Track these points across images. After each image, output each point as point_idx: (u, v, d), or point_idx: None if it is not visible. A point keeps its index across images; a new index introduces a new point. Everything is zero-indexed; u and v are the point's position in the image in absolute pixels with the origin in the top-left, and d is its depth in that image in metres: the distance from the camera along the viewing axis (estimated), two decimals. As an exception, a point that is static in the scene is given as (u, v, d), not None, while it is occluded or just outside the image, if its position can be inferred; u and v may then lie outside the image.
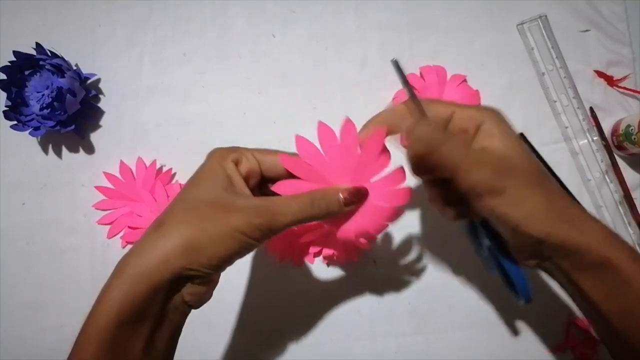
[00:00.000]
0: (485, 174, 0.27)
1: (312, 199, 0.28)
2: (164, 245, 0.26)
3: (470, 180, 0.27)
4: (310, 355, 0.47)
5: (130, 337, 0.26)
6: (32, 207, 0.49)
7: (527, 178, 0.27)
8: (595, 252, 0.26)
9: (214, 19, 0.51)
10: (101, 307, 0.25)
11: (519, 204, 0.27)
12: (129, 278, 0.25)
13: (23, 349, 0.48)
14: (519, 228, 0.27)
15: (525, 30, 0.50)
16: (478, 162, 0.27)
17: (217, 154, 0.29)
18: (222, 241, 0.26)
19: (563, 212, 0.27)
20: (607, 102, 0.49)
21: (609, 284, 0.27)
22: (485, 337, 0.47)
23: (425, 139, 0.27)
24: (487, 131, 0.28)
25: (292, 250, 0.47)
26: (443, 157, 0.27)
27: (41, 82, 0.47)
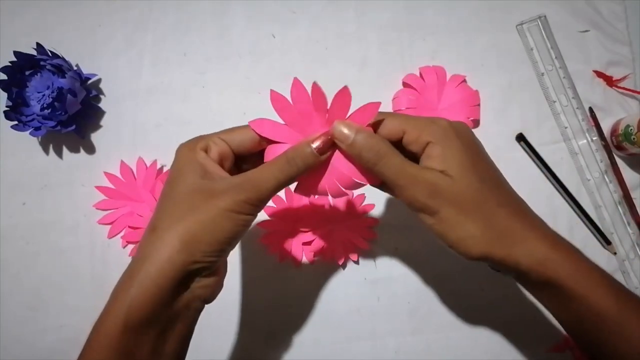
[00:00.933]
0: (418, 194, 0.27)
1: (287, 159, 0.28)
2: (162, 245, 0.26)
3: (405, 197, 0.28)
4: (310, 355, 0.47)
5: (139, 340, 0.26)
6: (33, 207, 0.49)
7: (462, 202, 0.27)
8: (536, 272, 0.27)
9: (214, 19, 0.51)
10: (109, 312, 0.26)
11: (452, 228, 0.27)
12: (135, 283, 0.26)
13: (23, 349, 0.48)
14: (454, 248, 0.28)
15: (524, 30, 0.50)
16: (413, 181, 0.27)
17: (185, 147, 0.29)
18: (216, 225, 0.27)
19: (503, 234, 0.27)
20: (607, 102, 0.49)
21: (560, 302, 0.28)
22: (485, 337, 0.47)
23: (366, 153, 0.28)
24: (430, 152, 0.28)
25: (292, 250, 0.47)
26: (382, 171, 0.28)
27: (42, 82, 0.47)
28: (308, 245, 0.47)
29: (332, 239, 0.47)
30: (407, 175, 0.27)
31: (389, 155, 0.28)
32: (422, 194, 0.27)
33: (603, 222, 0.48)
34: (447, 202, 0.27)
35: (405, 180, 0.27)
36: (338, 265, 0.48)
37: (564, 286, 0.26)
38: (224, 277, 0.31)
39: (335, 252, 0.47)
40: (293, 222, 0.47)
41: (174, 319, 0.28)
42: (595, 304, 0.26)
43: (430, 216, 0.27)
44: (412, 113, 0.48)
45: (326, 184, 0.30)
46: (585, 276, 0.27)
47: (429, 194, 0.27)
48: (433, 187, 0.27)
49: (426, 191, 0.27)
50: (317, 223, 0.47)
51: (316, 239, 0.46)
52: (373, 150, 0.28)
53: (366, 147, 0.28)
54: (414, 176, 0.27)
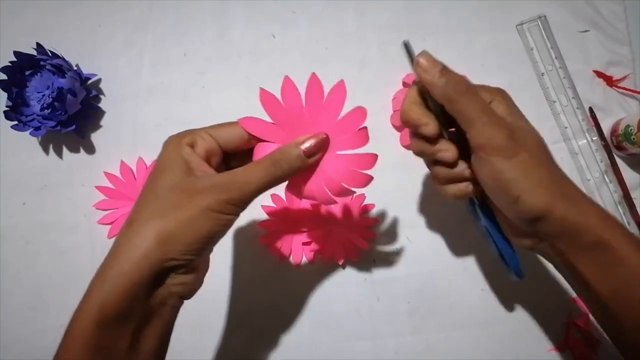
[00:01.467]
0: (501, 134, 0.27)
1: (272, 161, 0.27)
2: (138, 241, 0.26)
3: (485, 136, 0.27)
4: (310, 355, 0.47)
5: (114, 336, 0.26)
6: (33, 207, 0.49)
7: (537, 152, 0.28)
8: (592, 232, 0.27)
9: (214, 19, 0.51)
10: (83, 309, 0.26)
11: (527, 173, 0.27)
12: (109, 278, 0.25)
13: (23, 349, 0.48)
14: (521, 199, 0.27)
15: (524, 30, 0.50)
16: (496, 121, 0.28)
17: (171, 142, 0.29)
18: (195, 224, 0.26)
19: (564, 191, 0.28)
20: (607, 102, 0.49)
21: (603, 264, 0.27)
22: (485, 337, 0.47)
23: (452, 86, 0.28)
24: (496, 108, 0.29)
25: (292, 250, 0.47)
26: (465, 106, 0.28)
27: (42, 82, 0.47)
28: (308, 245, 0.47)
29: (332, 239, 0.47)
30: (492, 113, 0.28)
31: (474, 90, 0.28)
32: (504, 134, 0.27)
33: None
34: (524, 147, 0.28)
35: (489, 117, 0.28)
36: (338, 265, 0.48)
37: (614, 249, 0.27)
38: (204, 275, 0.30)
39: (335, 252, 0.47)
40: (293, 222, 0.47)
41: (150, 315, 0.27)
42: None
43: (506, 159, 0.27)
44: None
45: (314, 189, 0.29)
46: (632, 242, 0.27)
47: (509, 135, 0.27)
48: (513, 130, 0.28)
49: (507, 132, 0.27)
50: (317, 223, 0.47)
51: (316, 239, 0.46)
52: (460, 82, 0.28)
53: (454, 78, 0.28)
54: (498, 117, 0.28)
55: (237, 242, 0.48)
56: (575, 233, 0.27)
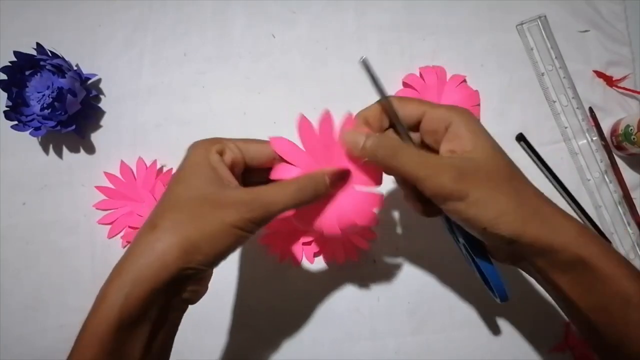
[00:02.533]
0: (445, 180, 0.27)
1: (299, 186, 0.28)
2: (160, 247, 0.26)
3: (431, 187, 0.27)
4: (310, 355, 0.47)
5: (130, 340, 0.26)
6: (33, 207, 0.49)
7: (493, 179, 0.27)
8: (568, 251, 0.27)
9: (214, 19, 0.51)
10: (101, 311, 0.25)
11: (485, 207, 0.27)
12: (129, 282, 0.25)
13: (23, 349, 0.48)
14: (487, 230, 0.27)
15: (524, 30, 0.50)
16: (437, 169, 0.27)
17: (200, 146, 0.29)
18: (218, 238, 0.26)
19: (535, 211, 0.27)
20: (607, 102, 0.49)
21: (584, 281, 0.27)
22: (485, 337, 0.47)
23: (382, 150, 0.28)
24: (454, 132, 0.28)
25: (292, 250, 0.47)
26: (401, 167, 0.27)
27: (42, 82, 0.47)
28: (308, 245, 0.47)
29: (332, 239, 0.47)
30: (430, 164, 0.27)
31: (405, 148, 0.28)
32: (449, 180, 0.27)
33: (603, 222, 0.48)
34: (476, 182, 0.27)
35: (428, 169, 0.27)
36: (338, 265, 0.48)
37: (593, 266, 0.26)
38: (209, 280, 0.31)
39: (335, 252, 0.47)
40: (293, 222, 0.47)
41: (163, 320, 0.27)
42: (622, 286, 0.26)
43: (460, 201, 0.27)
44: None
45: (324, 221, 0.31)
46: (611, 258, 0.27)
47: (456, 178, 0.27)
48: (459, 170, 0.27)
49: (453, 176, 0.27)
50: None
51: (316, 239, 0.46)
52: (388, 147, 0.28)
53: (380, 145, 0.28)
54: (437, 164, 0.27)
55: (237, 242, 0.48)
56: (551, 252, 0.27)
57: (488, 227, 0.27)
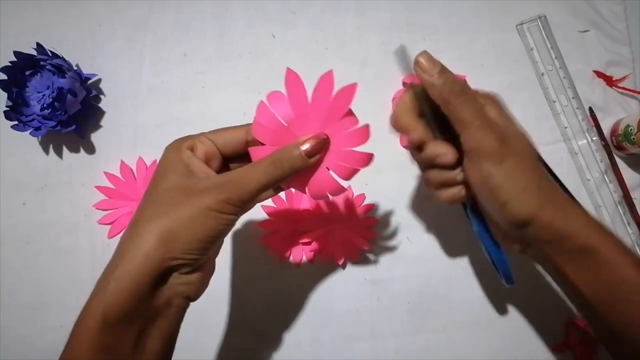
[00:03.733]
0: (492, 138, 0.28)
1: (273, 160, 0.27)
2: (140, 241, 0.26)
3: (477, 139, 0.28)
4: (309, 355, 0.47)
5: (119, 336, 0.26)
6: (33, 207, 0.49)
7: (525, 158, 0.29)
8: (578, 238, 0.27)
9: (214, 19, 0.51)
10: (89, 309, 0.26)
11: (515, 178, 0.28)
12: (113, 279, 0.25)
13: (23, 349, 0.48)
14: (508, 204, 0.28)
15: (524, 30, 0.50)
16: (488, 125, 0.28)
17: (172, 146, 0.29)
18: (195, 223, 0.26)
19: (551, 197, 0.28)
20: (607, 102, 0.49)
21: (590, 269, 0.28)
22: (485, 336, 0.47)
23: (449, 87, 0.28)
24: (489, 111, 0.30)
25: (292, 250, 0.47)
26: (460, 108, 0.28)
27: (42, 82, 0.47)
28: (308, 245, 0.47)
29: (332, 239, 0.47)
30: (485, 117, 0.28)
31: (471, 92, 0.29)
32: (495, 139, 0.28)
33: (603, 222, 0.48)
34: (513, 153, 0.28)
35: (482, 121, 0.28)
36: (338, 265, 0.48)
37: (600, 254, 0.27)
38: (210, 276, 0.31)
39: (335, 252, 0.47)
40: (293, 222, 0.47)
41: (155, 315, 0.27)
42: (627, 274, 0.27)
43: (495, 164, 0.28)
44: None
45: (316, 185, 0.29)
46: (617, 247, 0.28)
47: (500, 140, 0.28)
48: (504, 135, 0.28)
49: (498, 137, 0.28)
50: (317, 223, 0.47)
51: (316, 239, 0.46)
52: (458, 84, 0.28)
53: (453, 79, 0.28)
54: (490, 120, 0.28)
55: (237, 242, 0.48)
56: (561, 239, 0.28)
57: (509, 201, 0.28)
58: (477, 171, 0.29)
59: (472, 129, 0.28)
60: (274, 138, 0.29)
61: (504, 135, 0.28)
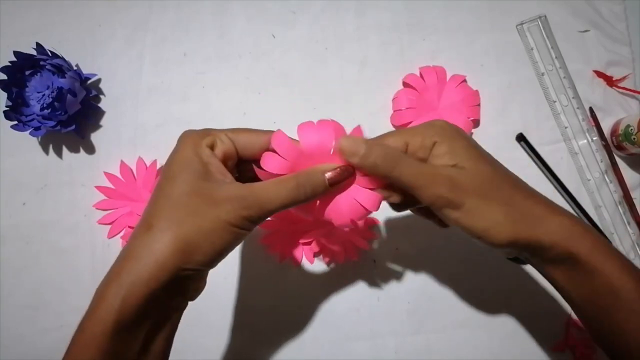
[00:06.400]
0: (442, 190, 0.27)
1: (297, 183, 0.27)
2: (158, 248, 0.25)
3: (428, 196, 0.28)
4: (309, 355, 0.47)
5: (127, 342, 0.25)
6: (33, 207, 0.49)
7: (482, 190, 0.28)
8: (558, 248, 0.27)
9: (214, 19, 0.51)
10: (98, 313, 0.25)
11: (478, 217, 0.28)
12: (127, 284, 0.25)
13: (23, 349, 0.48)
14: (482, 237, 0.28)
15: (524, 30, 0.50)
16: (433, 179, 0.28)
17: (189, 140, 0.28)
18: (215, 237, 0.26)
19: (525, 215, 0.28)
20: (607, 102, 0.49)
21: (575, 275, 0.28)
22: (485, 336, 0.47)
23: (381, 160, 0.28)
24: (437, 151, 0.29)
25: (292, 250, 0.47)
26: (401, 176, 0.28)
27: (42, 82, 0.47)
28: (308, 245, 0.47)
29: (332, 239, 0.47)
30: (426, 174, 0.28)
31: (403, 158, 0.28)
32: (444, 189, 0.27)
33: (603, 222, 0.48)
34: (468, 192, 0.28)
35: (425, 179, 0.28)
36: (338, 265, 0.48)
37: (584, 261, 0.27)
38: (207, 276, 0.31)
39: (335, 252, 0.47)
40: (293, 222, 0.47)
41: (163, 320, 0.27)
42: (613, 279, 0.27)
43: (455, 210, 0.28)
44: (412, 113, 0.48)
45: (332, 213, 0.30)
46: (603, 252, 0.27)
47: (450, 188, 0.27)
48: (452, 181, 0.28)
49: (447, 186, 0.27)
50: (317, 223, 0.47)
51: (316, 239, 0.46)
52: (387, 156, 0.28)
53: (380, 155, 0.27)
54: (432, 174, 0.28)
55: (237, 242, 0.48)
56: (542, 249, 0.28)
57: (482, 236, 0.28)
58: (443, 217, 0.29)
59: (420, 190, 0.28)
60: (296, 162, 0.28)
61: (453, 179, 0.28)
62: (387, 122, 0.49)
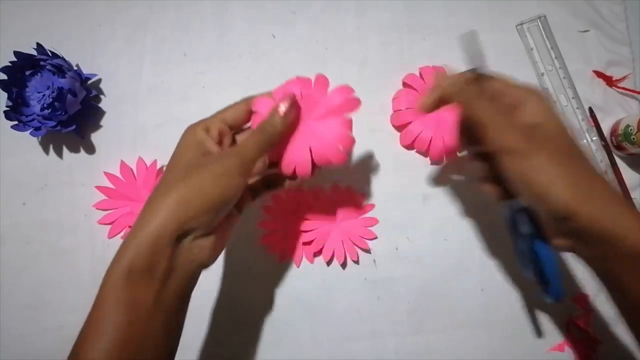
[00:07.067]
0: (515, 134, 0.28)
1: (260, 128, 0.33)
2: (158, 208, 0.29)
3: (498, 139, 0.29)
4: (309, 355, 0.47)
5: (141, 291, 0.29)
6: (33, 207, 0.49)
7: (558, 151, 0.28)
8: (630, 241, 0.26)
9: (214, 19, 0.51)
10: (115, 267, 0.29)
11: (543, 172, 0.27)
12: (137, 237, 0.29)
13: (23, 349, 0.47)
14: (542, 197, 0.27)
15: (524, 30, 0.50)
16: (507, 123, 0.29)
17: (188, 130, 0.34)
18: (207, 188, 0.30)
19: (594, 193, 0.27)
20: (607, 102, 0.49)
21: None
22: (485, 336, 0.47)
23: (466, 92, 0.30)
24: (529, 109, 0.30)
25: (292, 250, 0.47)
26: (478, 111, 0.30)
27: (42, 82, 0.47)
28: (308, 245, 0.47)
29: (332, 239, 0.47)
30: (504, 119, 0.29)
31: (486, 100, 0.30)
32: (518, 135, 0.28)
33: None
34: (541, 147, 0.28)
35: (501, 121, 0.29)
36: (338, 265, 0.48)
37: None
38: (223, 245, 0.34)
39: (335, 252, 0.47)
40: (293, 222, 0.47)
41: (172, 276, 0.30)
42: None
43: (523, 159, 0.28)
44: (412, 113, 0.48)
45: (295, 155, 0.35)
46: None
47: (524, 137, 0.28)
48: (529, 132, 0.28)
49: (522, 133, 0.28)
50: (317, 223, 0.47)
51: (316, 239, 0.46)
52: (471, 90, 0.31)
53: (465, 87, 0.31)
54: (510, 119, 0.29)
55: (237, 242, 0.48)
56: (610, 239, 0.26)
57: (542, 193, 0.27)
58: (508, 169, 0.29)
59: (490, 131, 0.29)
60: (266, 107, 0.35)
61: (532, 129, 0.29)
62: (387, 122, 0.49)
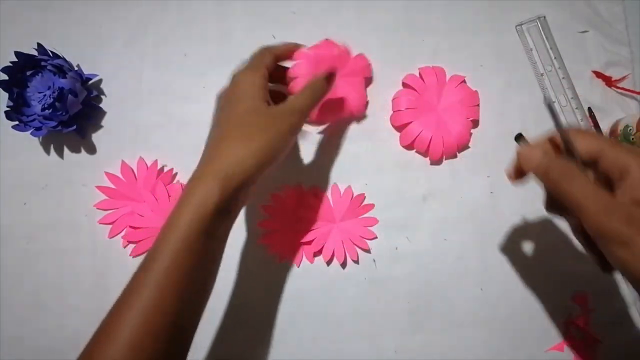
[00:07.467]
0: (613, 220, 0.25)
1: (311, 90, 0.38)
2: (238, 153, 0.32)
3: (596, 223, 0.26)
4: (309, 355, 0.47)
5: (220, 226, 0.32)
6: (34, 207, 0.49)
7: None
8: None
9: (214, 19, 0.51)
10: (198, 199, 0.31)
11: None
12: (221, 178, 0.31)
13: (23, 349, 0.48)
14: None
15: (524, 31, 0.50)
16: (608, 206, 0.25)
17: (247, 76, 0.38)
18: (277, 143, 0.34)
19: None
20: (606, 102, 0.49)
21: None
22: (485, 336, 0.47)
23: (556, 171, 0.27)
24: (632, 181, 0.26)
25: (292, 250, 0.47)
26: (572, 193, 0.26)
27: (43, 82, 0.48)
28: (308, 245, 0.47)
29: (332, 239, 0.47)
30: (601, 200, 0.26)
31: (581, 176, 0.27)
32: (617, 221, 0.25)
33: None
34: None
35: (598, 204, 0.26)
36: (338, 265, 0.48)
37: None
38: None
39: (335, 252, 0.47)
40: (293, 222, 0.47)
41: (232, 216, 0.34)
42: None
43: (623, 247, 0.25)
44: (412, 113, 0.48)
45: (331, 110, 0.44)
46: None
47: (625, 221, 0.25)
48: (632, 215, 0.25)
49: (622, 218, 0.25)
50: (317, 223, 0.47)
51: (316, 239, 0.46)
52: (563, 168, 0.27)
53: (556, 165, 0.28)
54: (609, 202, 0.26)
55: (237, 242, 0.48)
56: None
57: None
58: (606, 253, 0.26)
59: (587, 216, 0.26)
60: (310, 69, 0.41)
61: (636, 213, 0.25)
62: (387, 122, 0.49)
